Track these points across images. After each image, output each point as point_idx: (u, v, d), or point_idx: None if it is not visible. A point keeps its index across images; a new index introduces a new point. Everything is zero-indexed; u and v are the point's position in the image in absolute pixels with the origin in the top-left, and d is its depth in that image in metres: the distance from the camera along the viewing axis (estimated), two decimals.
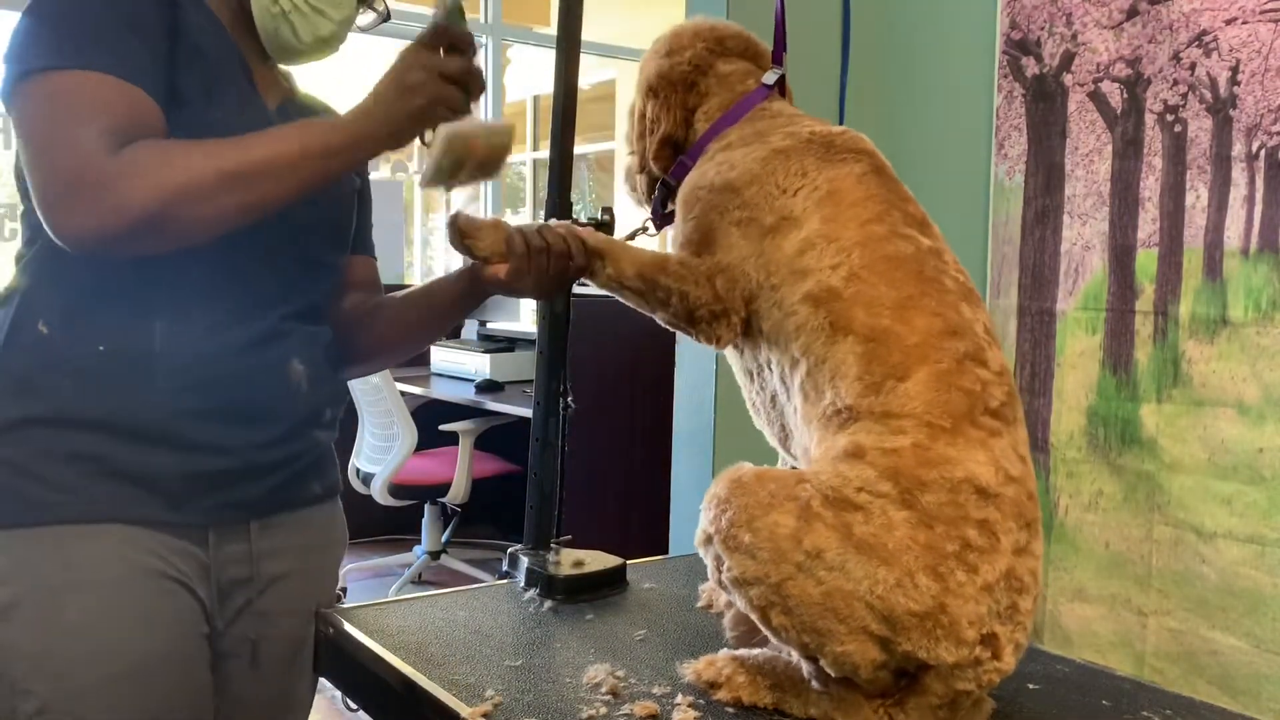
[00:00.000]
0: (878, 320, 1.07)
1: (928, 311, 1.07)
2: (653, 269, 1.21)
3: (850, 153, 1.19)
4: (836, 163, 1.18)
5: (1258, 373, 1.94)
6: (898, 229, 1.13)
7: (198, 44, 1.18)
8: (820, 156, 1.18)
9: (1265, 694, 1.93)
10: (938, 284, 1.10)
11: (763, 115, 1.28)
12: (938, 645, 0.97)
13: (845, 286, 1.09)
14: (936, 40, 2.53)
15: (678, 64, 1.33)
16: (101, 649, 1.14)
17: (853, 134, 1.23)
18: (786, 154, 1.19)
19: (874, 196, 1.16)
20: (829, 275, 1.10)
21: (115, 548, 1.16)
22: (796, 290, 1.12)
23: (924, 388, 1.03)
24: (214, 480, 1.20)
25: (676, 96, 1.33)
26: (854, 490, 1.00)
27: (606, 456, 3.56)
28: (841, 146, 1.20)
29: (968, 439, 1.02)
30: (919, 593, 0.96)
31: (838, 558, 0.98)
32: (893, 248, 1.12)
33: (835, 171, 1.17)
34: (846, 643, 0.98)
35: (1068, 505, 2.23)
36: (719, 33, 1.35)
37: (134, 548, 1.16)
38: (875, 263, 1.10)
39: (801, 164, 1.18)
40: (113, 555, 1.15)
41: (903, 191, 1.20)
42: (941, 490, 0.99)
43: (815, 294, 1.10)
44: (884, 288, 1.09)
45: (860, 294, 1.08)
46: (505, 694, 1.09)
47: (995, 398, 1.05)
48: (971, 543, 0.98)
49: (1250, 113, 1.95)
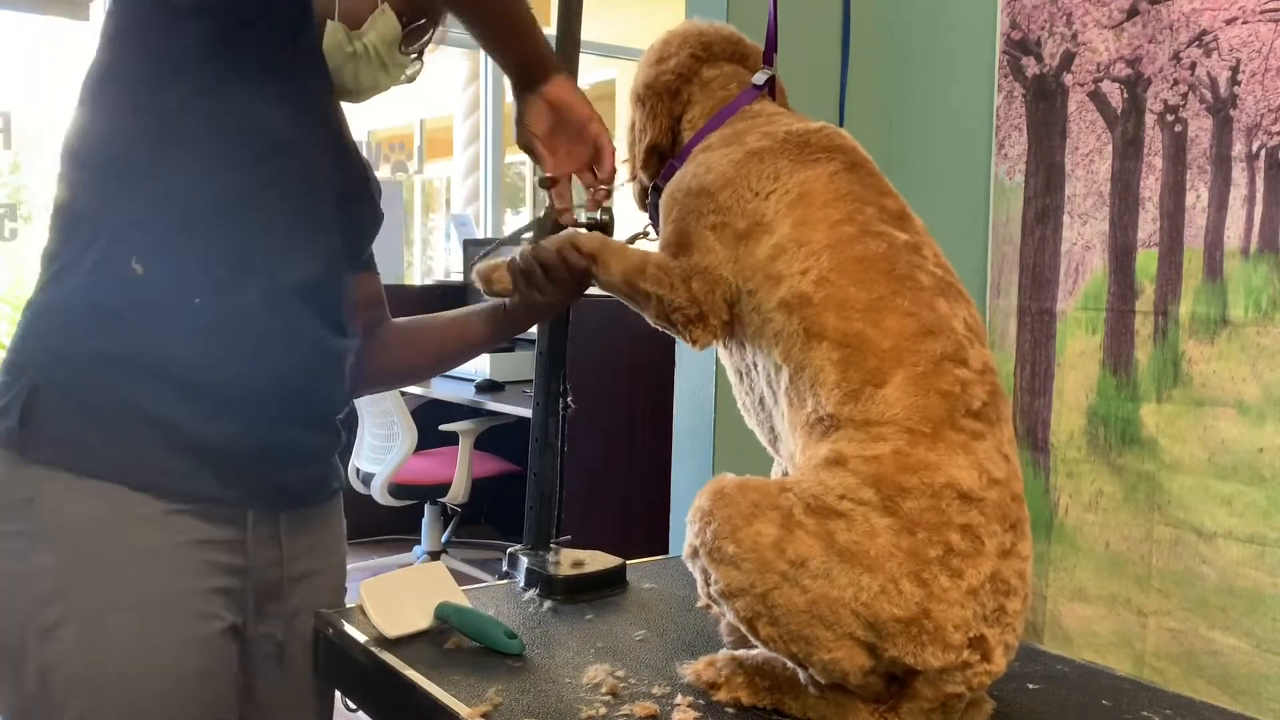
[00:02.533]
0: (850, 324, 1.06)
1: (900, 311, 1.06)
2: (634, 273, 1.22)
3: (824, 151, 1.18)
4: (810, 163, 1.17)
5: (1258, 373, 1.94)
6: (870, 227, 1.12)
7: None
8: (794, 158, 1.17)
9: (1265, 694, 1.93)
10: (911, 281, 1.09)
11: (744, 116, 1.28)
12: (924, 650, 0.97)
13: (815, 291, 1.08)
14: (936, 40, 2.53)
15: (662, 73, 1.33)
16: (139, 670, 1.14)
17: (830, 130, 1.22)
18: (761, 155, 1.19)
19: (845, 195, 1.14)
20: (799, 280, 1.09)
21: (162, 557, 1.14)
22: (772, 296, 1.11)
23: (902, 393, 1.02)
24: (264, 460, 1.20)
25: (662, 105, 1.33)
26: (836, 498, 0.99)
27: (606, 456, 3.56)
28: (816, 145, 1.19)
29: (949, 443, 1.01)
30: (903, 599, 0.96)
31: (821, 566, 0.97)
32: (863, 247, 1.10)
33: (807, 173, 1.16)
34: (834, 650, 0.98)
35: (1068, 505, 2.23)
36: (706, 38, 1.35)
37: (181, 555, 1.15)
38: (844, 264, 1.09)
39: (775, 166, 1.17)
40: (150, 576, 1.14)
41: (880, 185, 1.18)
42: (923, 496, 0.99)
43: (788, 300, 1.10)
44: (854, 290, 1.07)
45: (830, 298, 1.07)
46: (505, 694, 1.09)
47: (977, 398, 1.04)
48: (955, 547, 0.98)
49: (1250, 113, 1.95)
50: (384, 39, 1.25)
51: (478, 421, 4.05)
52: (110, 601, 1.13)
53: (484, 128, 5.63)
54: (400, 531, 4.67)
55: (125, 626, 1.13)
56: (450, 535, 4.42)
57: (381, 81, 1.30)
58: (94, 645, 1.12)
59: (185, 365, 1.13)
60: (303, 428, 1.25)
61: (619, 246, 1.27)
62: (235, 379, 1.15)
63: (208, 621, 1.18)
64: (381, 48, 1.26)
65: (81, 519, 1.12)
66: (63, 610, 1.12)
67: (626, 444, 3.60)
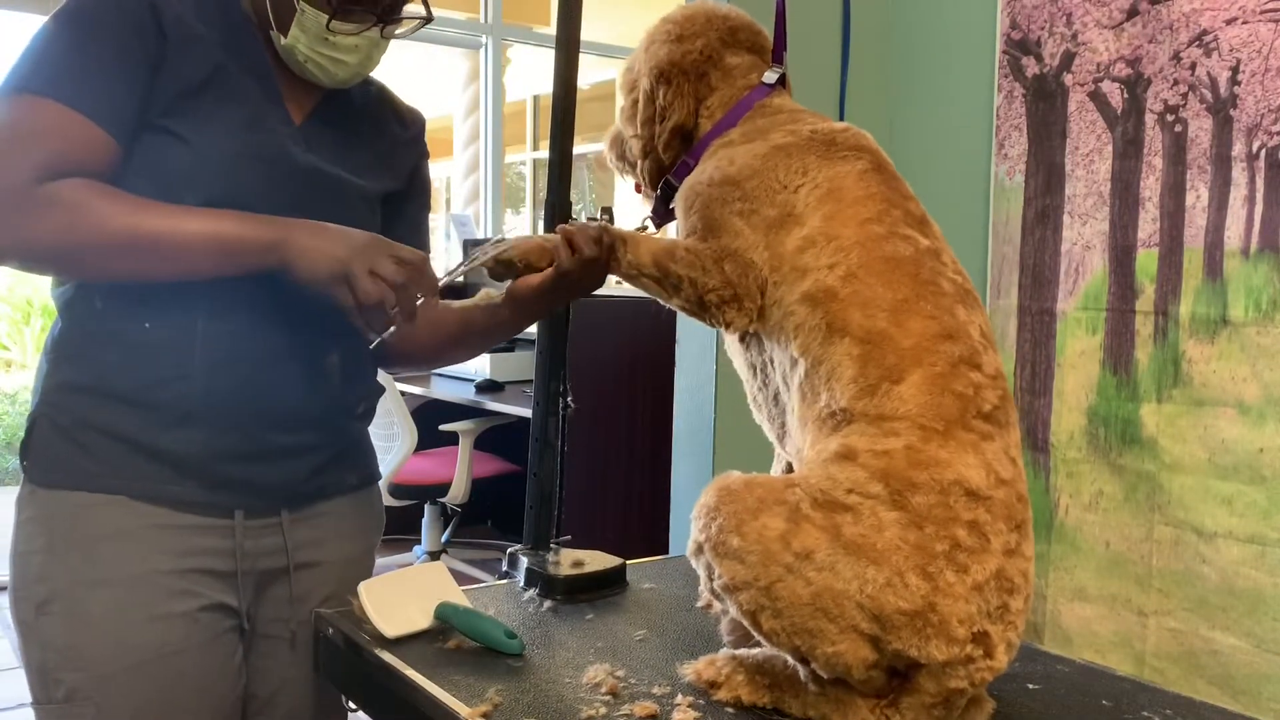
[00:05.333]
0: (874, 322, 1.07)
1: (923, 314, 1.07)
2: (665, 255, 1.20)
3: (852, 150, 1.19)
4: (837, 160, 1.17)
5: (1258, 373, 1.94)
6: (897, 229, 1.13)
7: (201, 64, 1.22)
8: (821, 154, 1.18)
9: (1265, 694, 1.93)
10: (934, 286, 1.10)
11: (764, 112, 1.28)
12: (928, 644, 0.97)
13: (842, 287, 1.09)
14: (936, 40, 2.53)
15: (689, 51, 1.31)
16: (121, 642, 1.22)
17: (855, 131, 1.22)
18: (788, 151, 1.19)
19: (874, 195, 1.15)
20: (826, 275, 1.10)
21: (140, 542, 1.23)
22: (795, 289, 1.12)
23: (918, 390, 1.03)
24: (241, 463, 1.26)
25: (689, 85, 1.31)
26: (844, 492, 1.00)
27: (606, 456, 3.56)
28: (843, 144, 1.19)
29: (959, 442, 1.02)
30: (909, 592, 0.97)
31: (827, 558, 0.98)
32: (891, 248, 1.11)
33: (836, 169, 1.17)
34: (838, 642, 0.98)
35: (1068, 505, 2.23)
36: (731, 22, 1.33)
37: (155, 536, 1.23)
38: (873, 263, 1.10)
39: (803, 161, 1.17)
40: (135, 552, 1.22)
41: (904, 189, 1.19)
42: (932, 492, 0.99)
43: (813, 294, 1.10)
44: (881, 289, 1.08)
45: (857, 294, 1.08)
46: (505, 694, 1.09)
47: (988, 401, 1.05)
48: (961, 543, 0.98)
49: (1250, 113, 1.95)
50: (310, 33, 1.24)
51: (478, 421, 4.05)
52: (88, 578, 1.21)
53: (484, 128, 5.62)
54: (400, 531, 4.67)
55: (101, 603, 1.21)
56: (450, 535, 4.42)
57: (341, 72, 1.28)
58: (74, 621, 1.21)
59: (138, 384, 1.22)
60: (272, 430, 1.27)
61: (642, 234, 1.27)
62: (189, 394, 1.21)
63: (185, 599, 1.25)
64: (314, 42, 1.25)
65: (66, 507, 1.23)
66: (50, 589, 1.22)
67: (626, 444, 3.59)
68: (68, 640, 1.22)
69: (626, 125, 1.40)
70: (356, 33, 1.25)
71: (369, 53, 1.29)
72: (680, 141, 1.32)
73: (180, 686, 1.25)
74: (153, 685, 1.23)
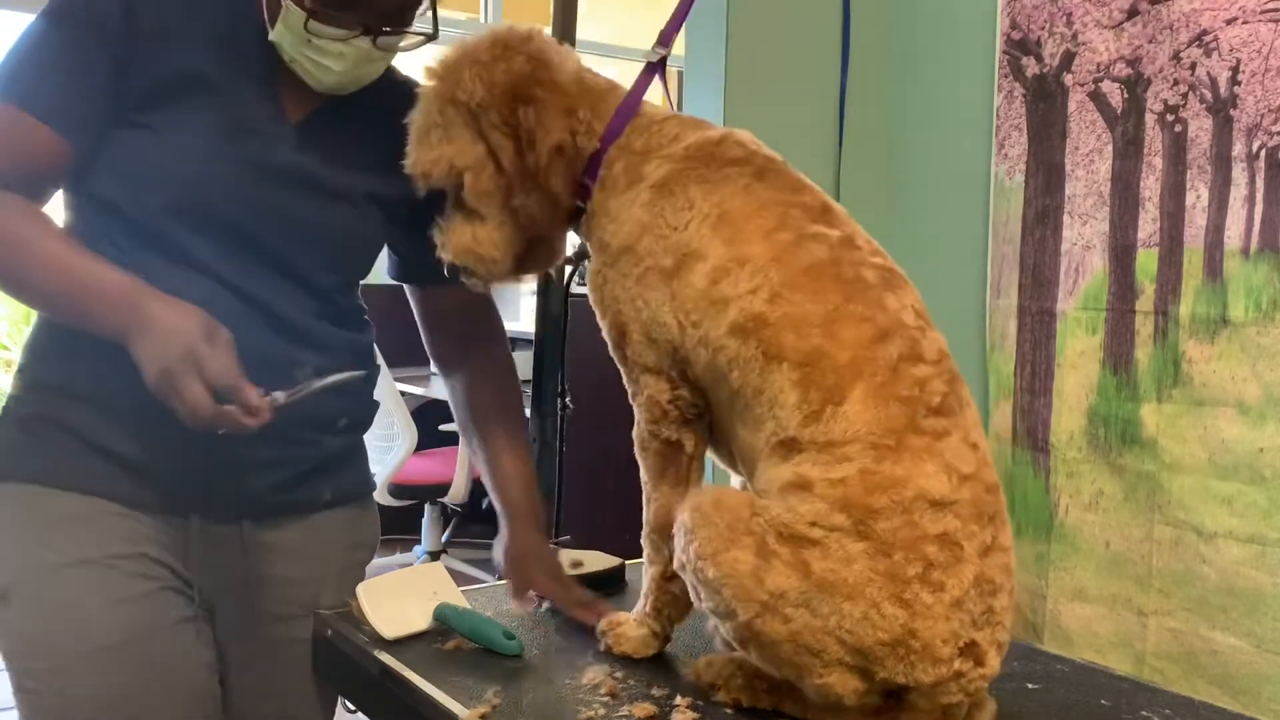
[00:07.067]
0: (808, 341, 1.03)
1: (855, 318, 1.04)
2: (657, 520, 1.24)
3: (730, 164, 1.12)
4: (718, 182, 1.11)
5: (1258, 373, 1.94)
6: (804, 230, 1.08)
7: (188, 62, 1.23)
8: (700, 178, 1.11)
9: (1265, 694, 1.93)
10: (859, 283, 1.06)
11: (639, 128, 1.17)
12: (914, 669, 0.96)
13: (771, 311, 1.04)
14: (936, 40, 2.53)
15: (520, 67, 1.15)
16: (80, 628, 1.22)
17: (732, 138, 1.15)
18: (668, 188, 1.12)
19: (767, 203, 1.10)
20: (750, 300, 1.05)
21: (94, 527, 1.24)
22: (720, 323, 1.06)
23: (863, 408, 1.00)
24: (197, 472, 1.25)
25: (554, 96, 1.15)
26: (807, 525, 0.98)
27: (606, 456, 3.55)
28: (720, 157, 1.13)
29: (913, 452, 0.99)
30: (886, 622, 0.95)
31: (800, 596, 0.97)
32: (807, 254, 1.07)
33: (720, 193, 1.10)
34: (825, 675, 0.98)
35: (1068, 505, 2.23)
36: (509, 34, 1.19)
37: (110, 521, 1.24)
38: (794, 277, 1.05)
39: (686, 195, 1.11)
40: (90, 537, 1.23)
41: (793, 182, 1.14)
42: (895, 514, 0.97)
43: (741, 324, 1.05)
44: (809, 305, 1.04)
45: (787, 317, 1.04)
46: (504, 695, 1.09)
47: (936, 393, 1.02)
48: (934, 561, 0.97)
49: (1250, 113, 1.95)
50: (292, 31, 1.22)
51: None
52: (45, 563, 1.22)
53: None
54: (400, 531, 4.66)
55: (60, 588, 1.22)
56: (450, 535, 4.42)
57: (328, 78, 1.25)
58: (35, 609, 1.23)
59: (100, 386, 1.23)
60: (230, 441, 1.19)
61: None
62: (148, 399, 1.15)
63: (144, 581, 1.25)
64: (297, 41, 1.22)
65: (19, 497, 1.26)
66: (8, 579, 1.24)
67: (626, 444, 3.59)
68: (30, 628, 1.23)
69: (481, 195, 1.17)
70: (338, 39, 1.21)
71: (358, 62, 1.25)
72: (564, 164, 1.17)
73: (148, 673, 1.24)
74: (120, 672, 1.22)
